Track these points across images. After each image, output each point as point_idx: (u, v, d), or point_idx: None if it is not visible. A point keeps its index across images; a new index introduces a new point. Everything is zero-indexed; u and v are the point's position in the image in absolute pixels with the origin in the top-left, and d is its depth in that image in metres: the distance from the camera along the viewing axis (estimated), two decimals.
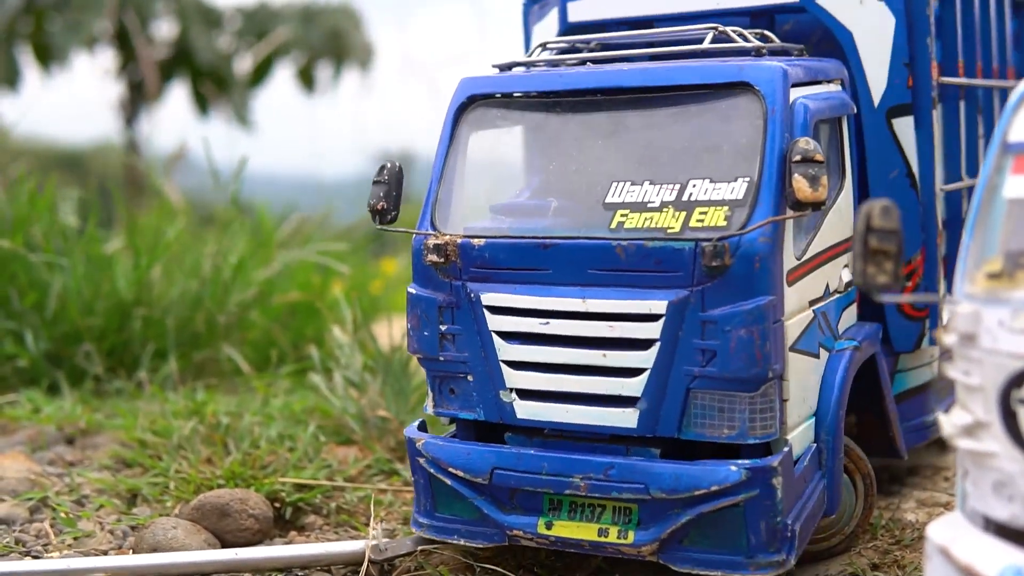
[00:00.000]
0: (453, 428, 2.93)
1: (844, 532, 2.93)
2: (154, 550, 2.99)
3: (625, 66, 2.85)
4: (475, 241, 2.75)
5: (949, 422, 1.95)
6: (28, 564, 2.86)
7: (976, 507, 1.94)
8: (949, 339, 1.94)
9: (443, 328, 2.79)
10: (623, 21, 3.23)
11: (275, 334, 4.94)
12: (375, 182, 2.90)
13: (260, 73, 15.09)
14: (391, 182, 2.89)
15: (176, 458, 3.56)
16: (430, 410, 2.88)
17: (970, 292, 1.93)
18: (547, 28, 3.42)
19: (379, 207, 2.88)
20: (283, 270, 5.18)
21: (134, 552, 3.04)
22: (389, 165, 2.91)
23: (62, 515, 3.25)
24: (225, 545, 3.11)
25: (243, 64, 15.10)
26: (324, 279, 5.36)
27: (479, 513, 2.80)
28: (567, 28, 3.30)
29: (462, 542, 2.84)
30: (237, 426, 3.78)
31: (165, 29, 14.75)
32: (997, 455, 1.88)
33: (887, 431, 3.06)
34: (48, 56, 13.87)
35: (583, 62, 3.03)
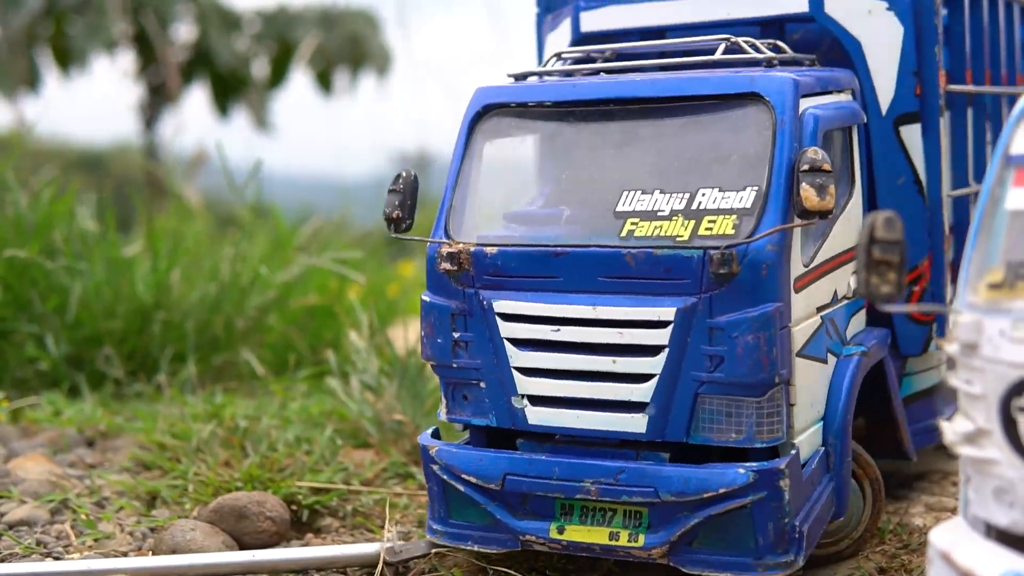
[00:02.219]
0: (467, 435, 2.97)
1: (852, 536, 2.95)
2: (173, 551, 3.04)
3: (637, 76, 2.88)
4: (488, 249, 2.78)
5: (951, 429, 1.98)
6: (49, 565, 2.91)
7: (978, 513, 1.97)
8: (951, 348, 1.97)
9: (456, 335, 2.82)
10: (635, 31, 3.26)
11: (292, 338, 4.97)
12: (390, 191, 2.92)
13: (278, 76, 15.14)
14: (406, 191, 2.91)
15: (195, 461, 3.60)
16: (444, 417, 2.91)
17: (972, 302, 1.97)
18: (560, 37, 3.45)
19: (394, 216, 2.91)
20: (301, 273, 5.21)
21: (153, 553, 3.09)
22: (404, 174, 2.93)
23: (83, 517, 3.30)
24: (243, 547, 3.15)
25: (263, 67, 15.15)
26: (341, 283, 5.39)
27: (492, 519, 2.83)
28: (580, 37, 3.33)
29: (476, 548, 2.87)
30: (255, 429, 3.82)
31: (184, 32, 14.83)
32: (998, 462, 1.92)
33: (896, 433, 3.10)
34: (68, 58, 13.95)
35: (597, 72, 3.06)
